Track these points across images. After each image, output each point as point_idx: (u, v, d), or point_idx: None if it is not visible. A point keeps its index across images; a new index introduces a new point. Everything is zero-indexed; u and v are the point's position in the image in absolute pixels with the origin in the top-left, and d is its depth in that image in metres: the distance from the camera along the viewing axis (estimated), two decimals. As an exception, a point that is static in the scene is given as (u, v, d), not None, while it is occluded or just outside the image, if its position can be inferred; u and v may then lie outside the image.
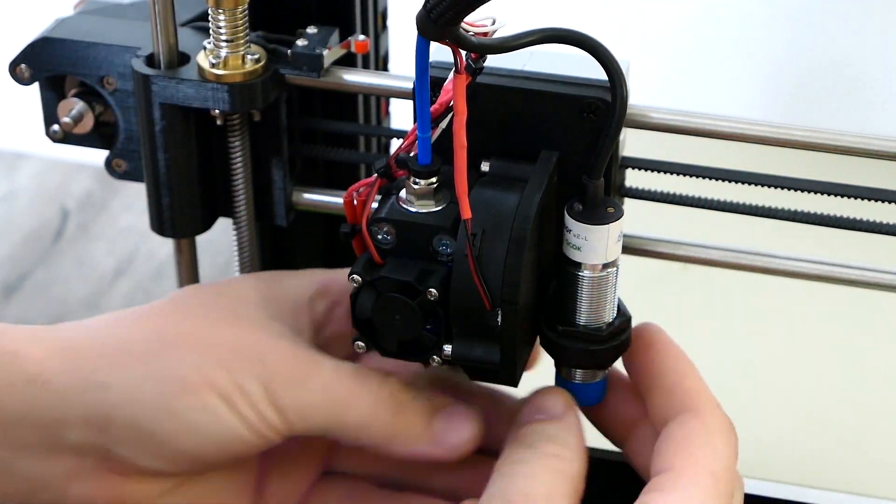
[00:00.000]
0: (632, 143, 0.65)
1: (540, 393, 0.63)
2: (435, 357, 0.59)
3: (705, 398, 0.61)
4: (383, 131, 0.75)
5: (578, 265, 0.59)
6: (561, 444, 0.60)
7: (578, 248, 0.58)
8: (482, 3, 0.49)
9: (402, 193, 0.59)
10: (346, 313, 0.62)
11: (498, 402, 0.66)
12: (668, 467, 0.58)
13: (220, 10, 0.65)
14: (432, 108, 0.58)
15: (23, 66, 0.70)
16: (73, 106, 0.70)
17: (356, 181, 0.60)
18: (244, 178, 0.70)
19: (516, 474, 0.58)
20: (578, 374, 0.62)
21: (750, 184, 0.66)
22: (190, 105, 0.67)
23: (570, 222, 0.58)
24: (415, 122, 0.57)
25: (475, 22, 0.55)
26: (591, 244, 0.58)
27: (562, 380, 0.63)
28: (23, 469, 0.61)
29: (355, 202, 0.60)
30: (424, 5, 0.50)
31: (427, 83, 0.56)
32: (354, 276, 0.58)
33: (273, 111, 0.69)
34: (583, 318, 0.60)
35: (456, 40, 0.54)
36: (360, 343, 0.60)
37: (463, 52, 0.56)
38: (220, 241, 1.00)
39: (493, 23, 0.55)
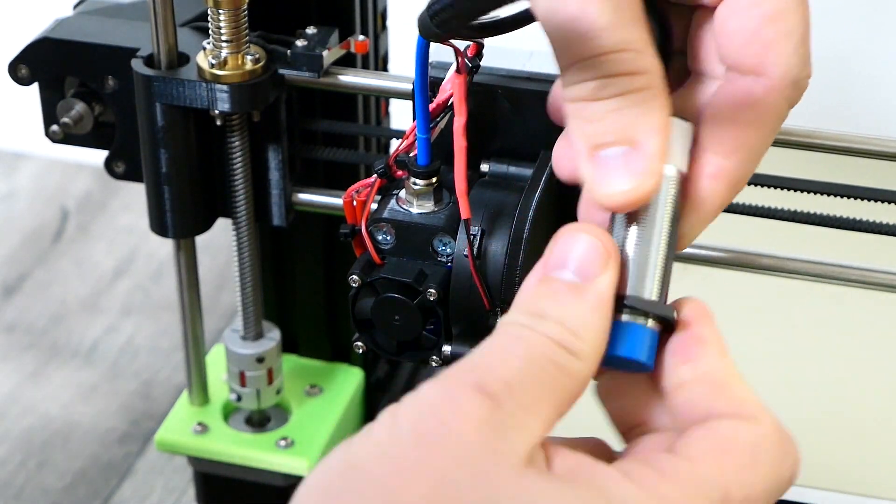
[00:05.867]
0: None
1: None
2: (435, 357, 0.59)
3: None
4: (383, 131, 0.75)
5: None
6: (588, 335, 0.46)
7: None
8: (486, 14, 0.49)
9: (402, 194, 0.59)
10: None
11: None
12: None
13: (220, 11, 0.65)
14: (430, 108, 0.57)
15: (23, 66, 0.70)
16: (72, 106, 0.70)
17: (356, 181, 0.59)
18: (244, 179, 0.70)
19: (498, 346, 0.46)
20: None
21: (750, 184, 0.66)
22: (190, 105, 0.67)
23: None
24: (414, 123, 0.57)
25: None
26: None
27: None
28: None
29: (355, 203, 0.59)
30: (427, 9, 0.50)
31: (427, 84, 0.56)
32: (353, 276, 0.58)
33: (273, 111, 0.69)
34: None
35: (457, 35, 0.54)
36: (360, 343, 0.60)
37: (462, 46, 0.56)
38: (220, 241, 1.00)
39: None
